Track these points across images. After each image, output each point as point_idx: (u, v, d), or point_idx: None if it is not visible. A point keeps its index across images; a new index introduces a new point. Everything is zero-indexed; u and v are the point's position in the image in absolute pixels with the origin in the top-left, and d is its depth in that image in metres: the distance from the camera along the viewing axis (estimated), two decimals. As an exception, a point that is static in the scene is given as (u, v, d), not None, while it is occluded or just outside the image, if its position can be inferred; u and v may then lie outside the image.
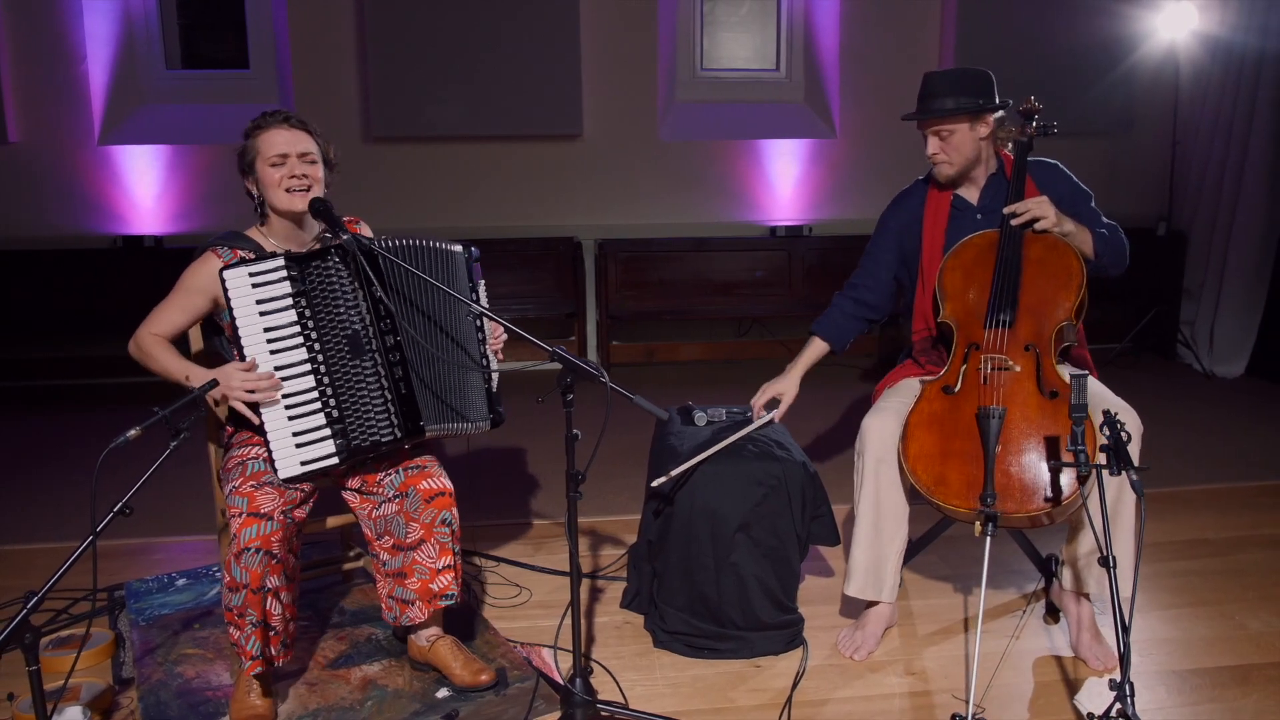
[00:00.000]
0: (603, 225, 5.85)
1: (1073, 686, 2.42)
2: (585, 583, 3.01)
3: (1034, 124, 2.59)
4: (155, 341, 2.20)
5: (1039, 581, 2.95)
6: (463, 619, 2.62)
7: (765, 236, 5.94)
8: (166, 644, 2.52)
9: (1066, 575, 2.56)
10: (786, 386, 2.72)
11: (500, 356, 2.45)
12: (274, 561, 2.03)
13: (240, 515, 2.00)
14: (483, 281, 2.43)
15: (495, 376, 2.41)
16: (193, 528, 3.42)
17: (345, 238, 2.13)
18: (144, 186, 5.50)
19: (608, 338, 5.78)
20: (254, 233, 2.32)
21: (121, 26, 5.45)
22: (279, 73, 5.65)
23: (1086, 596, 2.55)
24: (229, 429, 2.33)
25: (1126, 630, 1.83)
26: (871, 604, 2.60)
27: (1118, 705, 1.79)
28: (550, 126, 5.63)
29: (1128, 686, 1.79)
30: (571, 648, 2.56)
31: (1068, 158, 2.75)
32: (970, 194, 2.62)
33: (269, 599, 2.05)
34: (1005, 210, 2.46)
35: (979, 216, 2.59)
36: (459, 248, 2.36)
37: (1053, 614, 2.77)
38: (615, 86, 5.73)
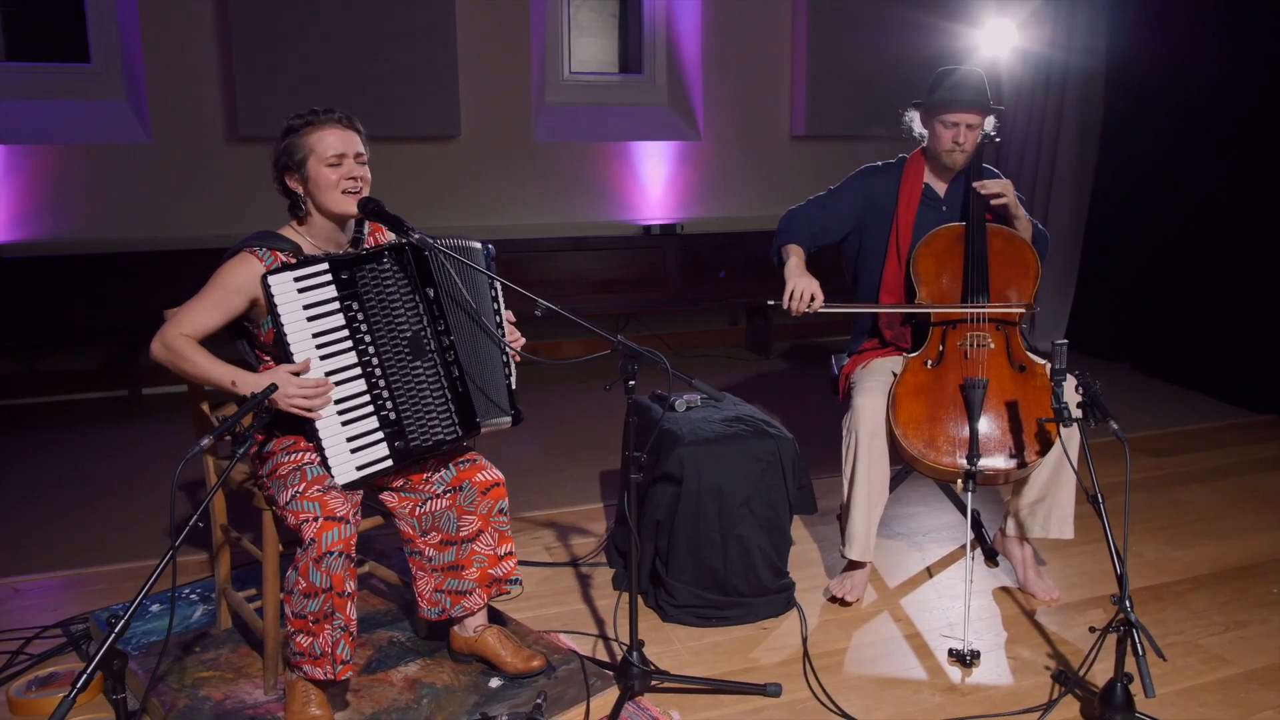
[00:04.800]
0: (481, 226, 5.85)
1: (1031, 615, 2.79)
2: (570, 571, 3.10)
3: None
4: (188, 343, 2.09)
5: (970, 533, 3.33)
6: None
7: (640, 235, 6.15)
8: (175, 671, 2.39)
9: (1011, 524, 2.94)
10: (813, 284, 2.74)
11: (518, 358, 2.47)
12: (351, 565, 2.01)
13: (316, 520, 1.97)
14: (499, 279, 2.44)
15: (514, 374, 2.44)
16: (77, 559, 3.20)
17: (417, 237, 2.13)
18: (-28, 191, 4.97)
19: (494, 338, 5.79)
20: (289, 232, 2.23)
21: (-64, 13, 4.89)
22: (127, 67, 5.25)
23: (1028, 540, 2.94)
24: (259, 436, 2.25)
25: (1123, 560, 2.18)
26: (854, 563, 2.87)
27: (1121, 615, 2.13)
28: (428, 127, 5.58)
29: (1128, 601, 2.13)
30: (596, 631, 2.68)
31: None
32: (939, 187, 2.94)
33: (349, 604, 2.03)
34: (975, 185, 2.80)
35: (944, 208, 2.92)
36: (478, 244, 2.38)
37: (991, 558, 3.15)
38: (491, 88, 5.76)
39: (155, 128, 5.24)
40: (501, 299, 2.40)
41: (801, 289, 2.73)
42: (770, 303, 2.76)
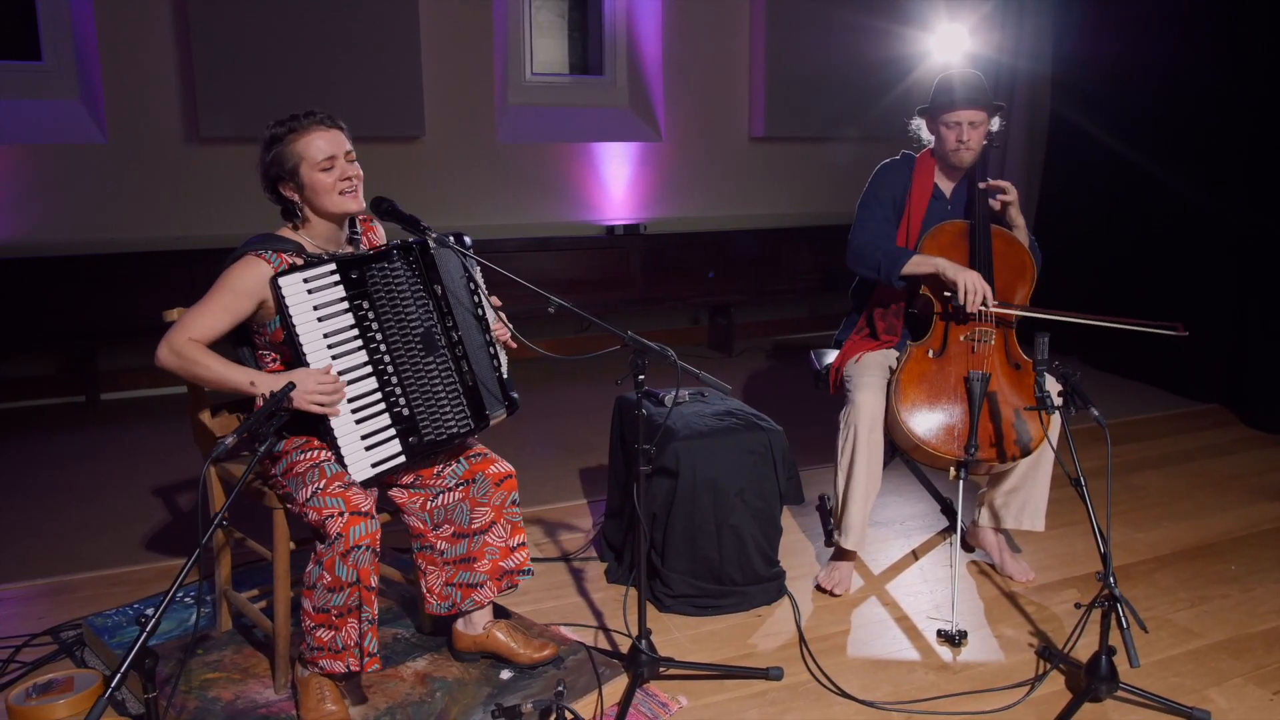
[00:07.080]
0: (445, 227, 5.77)
1: (1010, 596, 2.92)
2: (562, 566, 3.14)
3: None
4: (199, 348, 2.09)
5: (945, 522, 3.46)
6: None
7: (604, 235, 6.21)
8: (180, 673, 2.37)
9: (984, 514, 3.06)
10: (984, 282, 2.72)
11: (513, 345, 2.52)
12: (376, 559, 2.04)
13: (341, 515, 1.99)
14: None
15: (504, 364, 2.49)
16: (55, 567, 3.15)
17: (434, 235, 2.17)
18: (-80, 192, 4.82)
19: (460, 339, 5.79)
20: (289, 233, 2.25)
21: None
22: (81, 66, 5.14)
23: (1001, 530, 3.07)
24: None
25: (1106, 538, 2.30)
26: (843, 551, 2.96)
27: (1105, 590, 2.25)
28: (392, 128, 5.56)
29: (1112, 578, 2.26)
30: (595, 623, 2.73)
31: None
32: (946, 187, 3.04)
33: (373, 597, 2.05)
34: (981, 184, 2.89)
35: (949, 208, 3.03)
36: (452, 237, 2.42)
37: (966, 547, 3.27)
38: (454, 89, 5.76)
39: (111, 128, 5.13)
40: (483, 288, 2.44)
41: (974, 284, 2.69)
42: (946, 294, 2.78)
